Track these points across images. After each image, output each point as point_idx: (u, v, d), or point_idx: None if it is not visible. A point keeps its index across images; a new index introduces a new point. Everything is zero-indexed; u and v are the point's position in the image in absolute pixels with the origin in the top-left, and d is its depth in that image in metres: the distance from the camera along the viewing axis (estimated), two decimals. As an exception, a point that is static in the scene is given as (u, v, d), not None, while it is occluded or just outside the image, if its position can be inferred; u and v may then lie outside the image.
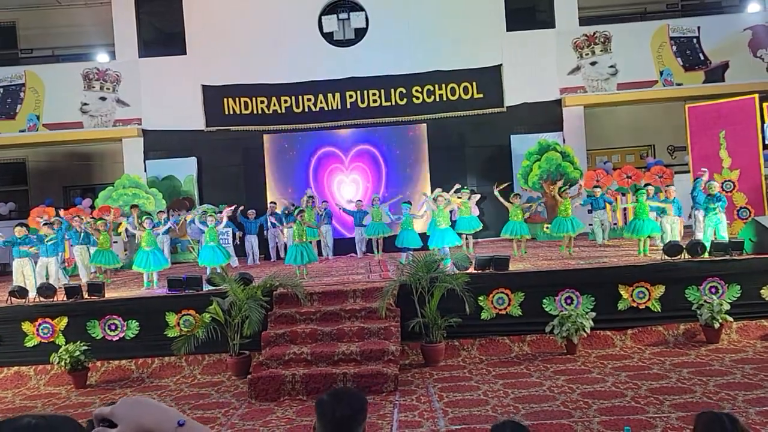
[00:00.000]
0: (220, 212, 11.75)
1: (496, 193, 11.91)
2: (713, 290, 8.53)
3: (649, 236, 10.39)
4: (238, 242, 13.39)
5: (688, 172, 12.92)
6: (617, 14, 16.34)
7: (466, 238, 12.23)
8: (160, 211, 13.08)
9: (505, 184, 12.37)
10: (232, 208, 12.31)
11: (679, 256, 8.93)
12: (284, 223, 13.02)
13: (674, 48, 15.15)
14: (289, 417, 6.47)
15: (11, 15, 17.30)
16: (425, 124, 14.92)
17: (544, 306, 8.58)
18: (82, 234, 11.68)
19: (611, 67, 15.24)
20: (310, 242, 10.91)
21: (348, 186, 14.86)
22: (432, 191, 12.62)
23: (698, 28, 15.17)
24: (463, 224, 12.06)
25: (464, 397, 6.70)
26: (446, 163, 14.60)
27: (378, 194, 13.54)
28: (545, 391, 6.72)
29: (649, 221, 10.31)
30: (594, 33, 15.24)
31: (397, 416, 6.23)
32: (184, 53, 15.45)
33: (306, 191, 13.87)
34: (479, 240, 12.99)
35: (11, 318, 8.75)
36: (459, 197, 11.91)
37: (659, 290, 8.57)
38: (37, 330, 8.67)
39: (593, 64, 15.27)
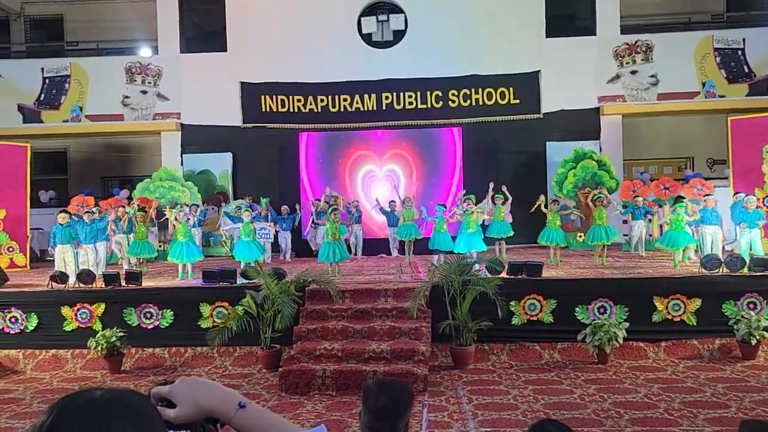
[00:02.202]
0: (265, 208, 12.12)
1: (540, 208, 11.80)
2: (751, 306, 8.36)
3: (684, 248, 10.22)
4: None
5: (728, 186, 12.70)
6: (660, 23, 16.09)
7: (498, 243, 12.21)
8: (194, 204, 13.27)
9: (538, 203, 12.15)
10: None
11: (717, 270, 8.79)
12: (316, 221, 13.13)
13: (718, 59, 14.88)
14: (319, 411, 6.53)
15: (59, 8, 17.74)
16: (460, 128, 14.87)
17: (576, 314, 8.51)
18: (125, 224, 11.92)
19: (652, 76, 15.01)
20: (343, 240, 10.96)
21: (381, 187, 14.89)
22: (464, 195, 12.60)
23: (743, 40, 14.86)
24: (494, 228, 12.06)
25: (493, 400, 6.69)
26: (480, 167, 14.51)
27: (410, 196, 13.52)
28: (576, 398, 6.68)
29: (684, 233, 10.15)
30: (636, 42, 15.04)
31: (426, 416, 6.25)
32: (225, 50, 15.64)
33: (325, 190, 13.85)
34: (512, 246, 12.91)
35: (51, 302, 9.01)
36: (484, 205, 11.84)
37: (695, 303, 8.44)
38: (76, 315, 8.89)
39: (633, 73, 15.06)
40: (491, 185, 11.90)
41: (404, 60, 15.11)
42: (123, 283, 9.20)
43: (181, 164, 15.46)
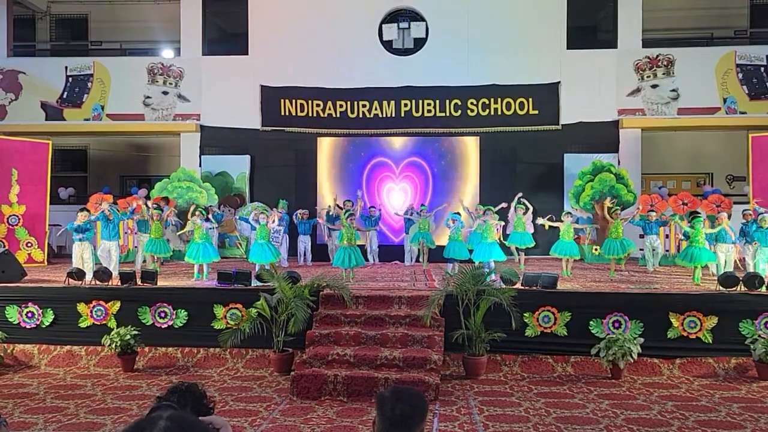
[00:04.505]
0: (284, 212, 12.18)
1: (544, 223, 11.65)
2: (769, 326, 8.26)
3: (704, 265, 10.12)
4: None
5: (748, 202, 12.57)
6: (682, 38, 16.00)
7: (518, 253, 12.17)
8: (211, 206, 13.35)
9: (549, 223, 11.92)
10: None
11: (735, 288, 8.69)
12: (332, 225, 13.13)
13: (740, 75, 14.76)
14: (330, 417, 6.53)
15: (85, 8, 17.99)
16: (478, 137, 14.87)
17: (590, 328, 8.44)
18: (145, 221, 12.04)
19: (673, 91, 14.92)
20: (358, 246, 10.97)
21: (397, 194, 14.92)
22: (481, 205, 12.58)
23: (766, 56, 14.75)
24: (515, 239, 12.04)
25: (505, 412, 6.65)
26: (497, 177, 14.52)
27: (426, 204, 13.53)
28: (588, 413, 6.62)
29: (705, 250, 10.05)
30: (657, 56, 14.95)
31: (437, 425, 6.23)
32: (246, 53, 15.76)
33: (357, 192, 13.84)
34: (526, 257, 12.86)
35: (68, 298, 9.09)
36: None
37: (712, 321, 8.34)
38: (91, 312, 8.96)
39: (654, 87, 14.97)
40: (519, 194, 11.81)
41: (424, 68, 15.15)
42: (138, 282, 9.27)
43: (200, 165, 15.59)
